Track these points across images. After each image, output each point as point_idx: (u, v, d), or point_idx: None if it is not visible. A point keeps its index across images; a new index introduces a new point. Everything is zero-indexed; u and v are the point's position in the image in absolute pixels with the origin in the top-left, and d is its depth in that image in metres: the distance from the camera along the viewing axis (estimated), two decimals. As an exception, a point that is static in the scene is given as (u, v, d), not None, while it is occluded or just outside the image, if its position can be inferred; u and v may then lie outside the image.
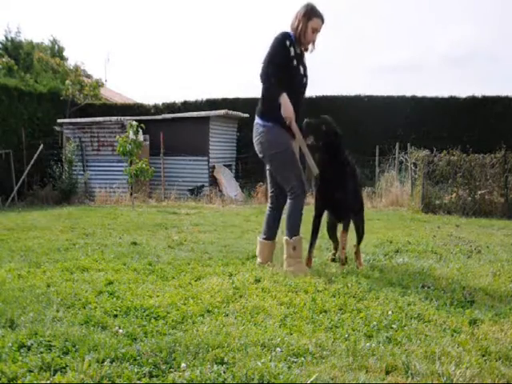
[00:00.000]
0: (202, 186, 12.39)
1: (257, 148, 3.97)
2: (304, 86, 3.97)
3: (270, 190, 4.10)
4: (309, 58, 4.02)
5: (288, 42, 3.76)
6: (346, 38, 59.00)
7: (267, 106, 3.84)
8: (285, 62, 3.76)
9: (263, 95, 3.88)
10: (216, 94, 18.16)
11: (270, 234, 4.04)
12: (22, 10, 43.58)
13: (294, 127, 3.76)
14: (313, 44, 3.89)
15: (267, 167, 4.03)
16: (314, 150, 3.84)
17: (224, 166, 13.20)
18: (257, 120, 3.92)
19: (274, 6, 58.11)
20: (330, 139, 3.80)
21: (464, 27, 53.24)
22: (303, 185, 3.87)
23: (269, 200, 4.10)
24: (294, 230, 3.81)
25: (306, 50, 3.90)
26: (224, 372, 1.96)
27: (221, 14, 56.51)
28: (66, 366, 2.00)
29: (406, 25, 55.81)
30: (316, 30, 3.82)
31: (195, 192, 12.27)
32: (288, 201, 3.88)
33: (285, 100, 3.64)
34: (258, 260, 4.04)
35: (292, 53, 3.79)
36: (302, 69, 3.90)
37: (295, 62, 3.82)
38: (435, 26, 51.13)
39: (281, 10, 56.71)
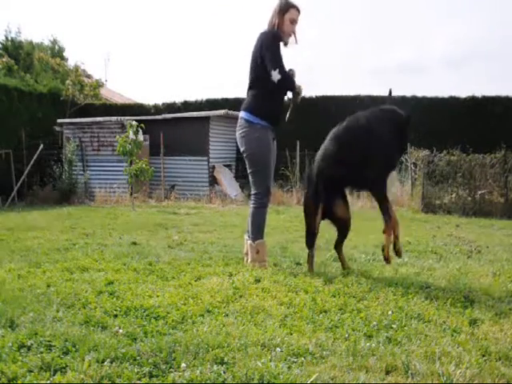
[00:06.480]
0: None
1: (239, 142, 3.95)
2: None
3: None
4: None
5: (281, 43, 3.81)
6: (346, 38, 59.06)
7: (259, 103, 3.84)
8: None
9: (257, 93, 3.86)
10: (216, 94, 18.20)
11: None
12: (22, 10, 43.59)
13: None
14: (294, 36, 3.88)
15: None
16: None
17: (224, 165, 13.20)
18: (243, 114, 3.89)
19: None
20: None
21: (464, 27, 53.25)
22: (269, 194, 3.90)
23: (252, 199, 3.98)
24: (257, 234, 3.87)
25: (286, 44, 3.88)
26: (224, 372, 1.96)
27: (221, 14, 56.52)
28: (66, 366, 2.00)
29: (405, 25, 55.81)
30: (294, 21, 3.83)
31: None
32: (252, 206, 3.90)
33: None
34: (248, 259, 3.93)
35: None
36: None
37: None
38: (435, 27, 51.13)
39: (281, 10, 56.51)
